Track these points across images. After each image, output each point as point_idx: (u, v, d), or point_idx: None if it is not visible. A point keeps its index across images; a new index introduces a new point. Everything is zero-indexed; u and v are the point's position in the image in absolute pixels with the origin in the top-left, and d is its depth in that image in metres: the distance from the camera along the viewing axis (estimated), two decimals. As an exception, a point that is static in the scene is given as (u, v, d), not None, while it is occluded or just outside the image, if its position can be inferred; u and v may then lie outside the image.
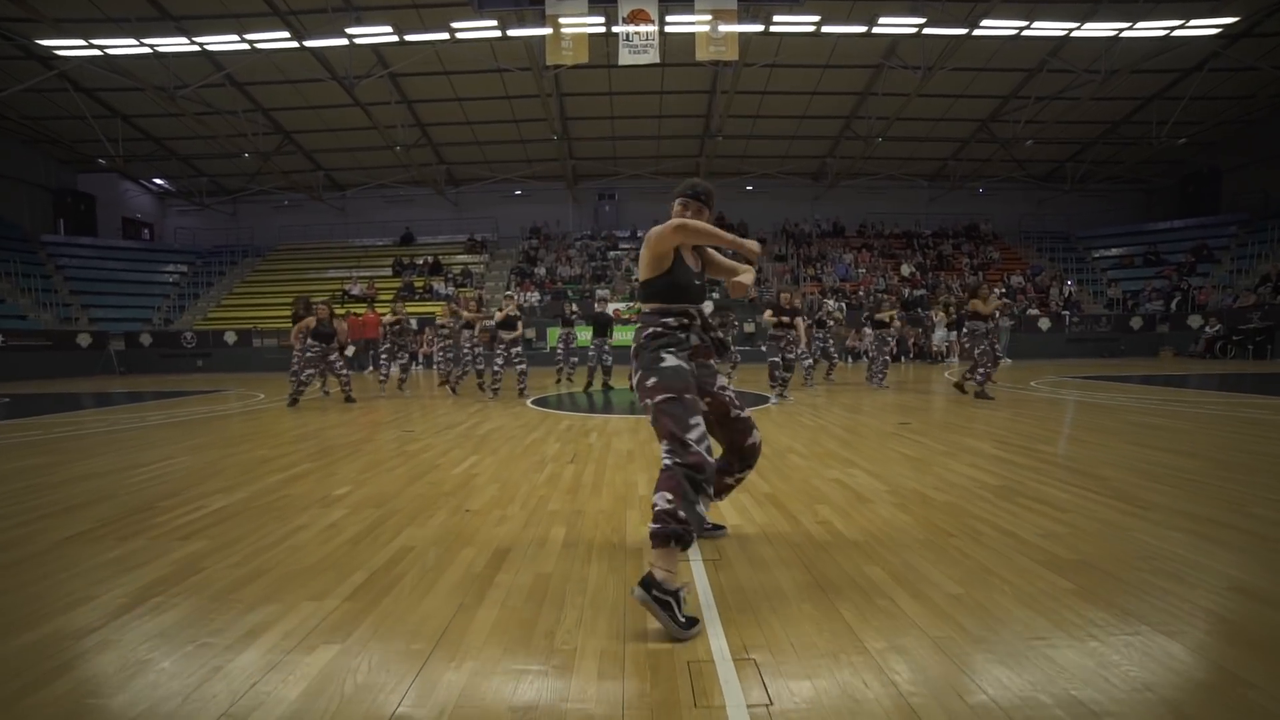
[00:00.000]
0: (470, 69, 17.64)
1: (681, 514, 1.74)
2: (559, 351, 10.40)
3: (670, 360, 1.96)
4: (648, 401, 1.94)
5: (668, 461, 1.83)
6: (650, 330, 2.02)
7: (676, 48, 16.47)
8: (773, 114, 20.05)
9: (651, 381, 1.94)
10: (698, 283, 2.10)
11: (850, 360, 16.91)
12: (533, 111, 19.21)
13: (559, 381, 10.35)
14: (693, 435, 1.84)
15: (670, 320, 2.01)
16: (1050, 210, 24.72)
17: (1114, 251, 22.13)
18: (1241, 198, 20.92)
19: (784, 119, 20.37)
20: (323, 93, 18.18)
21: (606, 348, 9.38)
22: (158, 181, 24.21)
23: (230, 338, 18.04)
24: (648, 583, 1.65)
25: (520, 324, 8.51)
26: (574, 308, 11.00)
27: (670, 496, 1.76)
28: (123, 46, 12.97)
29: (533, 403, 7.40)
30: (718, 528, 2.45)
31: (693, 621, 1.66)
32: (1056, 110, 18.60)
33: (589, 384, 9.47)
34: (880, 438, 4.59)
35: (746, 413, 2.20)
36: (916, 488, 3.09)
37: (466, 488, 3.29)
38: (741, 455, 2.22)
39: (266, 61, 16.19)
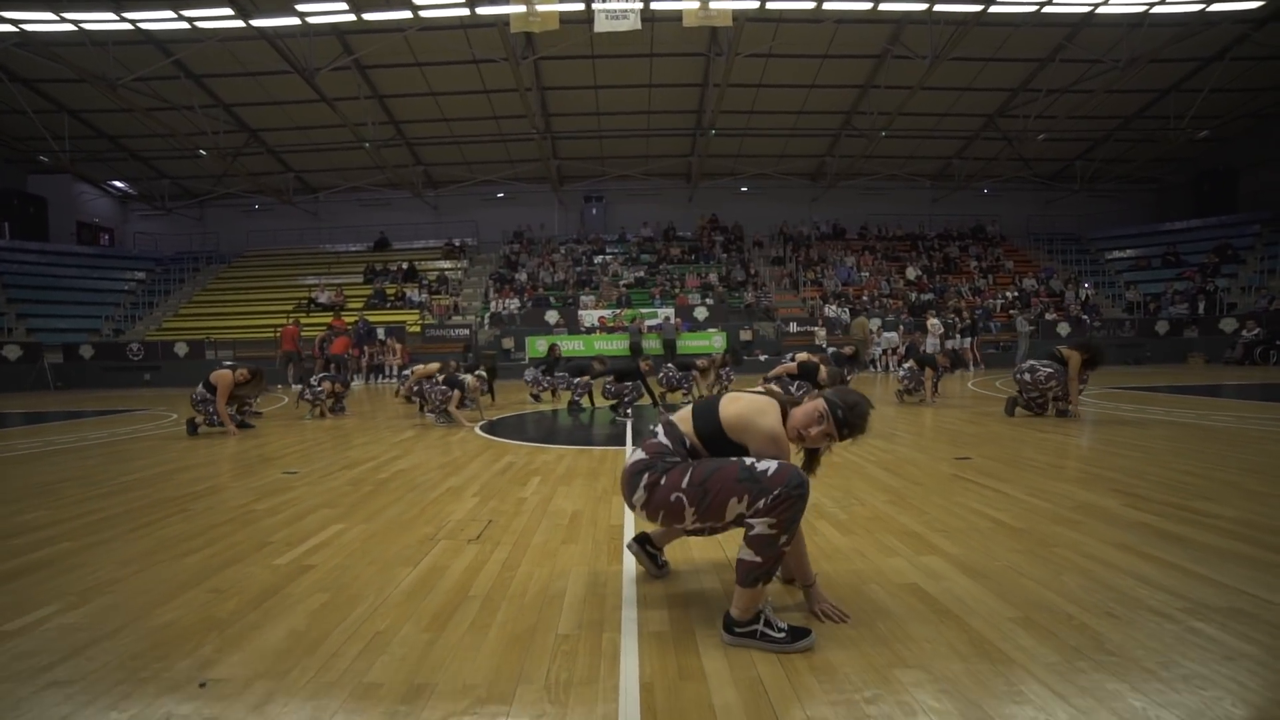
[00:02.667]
0: (444, 59, 16.39)
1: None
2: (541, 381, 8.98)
3: None
4: None
5: None
6: None
7: (664, 35, 15.30)
8: (768, 109, 18.86)
9: None
10: None
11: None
12: (513, 107, 17.92)
13: (537, 397, 8.92)
14: None
15: None
16: (1058, 211, 23.61)
17: (1129, 253, 20.96)
18: (1262, 195, 19.83)
19: (780, 114, 19.17)
20: (287, 86, 16.84)
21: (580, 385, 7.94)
22: (117, 184, 22.76)
23: (181, 349, 16.52)
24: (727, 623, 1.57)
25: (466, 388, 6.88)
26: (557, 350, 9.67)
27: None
28: (42, 23, 11.60)
29: (481, 429, 5.98)
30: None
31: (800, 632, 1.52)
32: (1068, 104, 17.48)
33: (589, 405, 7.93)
34: (942, 485, 3.20)
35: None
36: (1066, 608, 1.69)
37: (274, 599, 1.88)
38: None
39: (221, 50, 14.89)
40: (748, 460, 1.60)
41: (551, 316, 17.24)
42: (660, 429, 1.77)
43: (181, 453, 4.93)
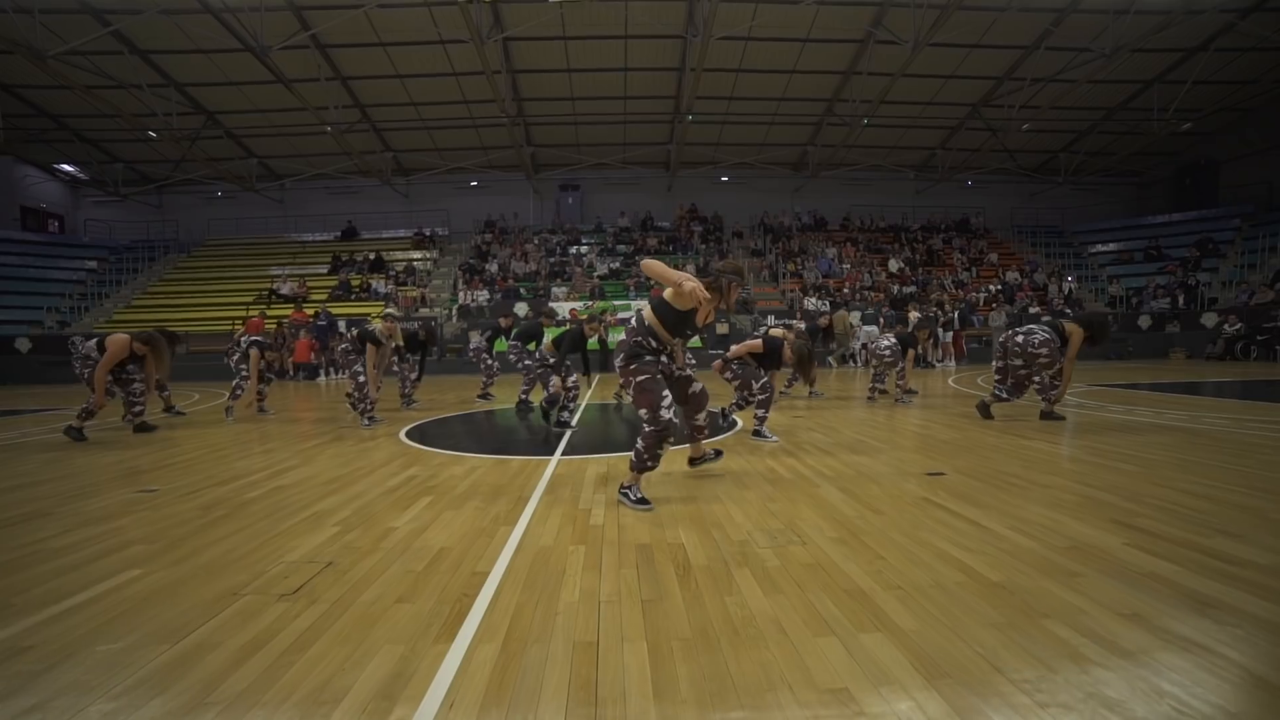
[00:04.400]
0: (408, 39, 15.60)
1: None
2: (494, 366, 8.37)
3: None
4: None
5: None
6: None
7: (638, 15, 14.66)
8: (748, 95, 18.27)
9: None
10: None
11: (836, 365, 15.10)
12: (483, 91, 17.14)
13: (486, 395, 8.28)
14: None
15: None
16: (1041, 204, 23.35)
17: (1111, 246, 20.74)
18: (1243, 189, 19.70)
19: (761, 101, 18.58)
20: (242, 66, 15.93)
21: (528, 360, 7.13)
22: (65, 168, 21.58)
23: (127, 343, 15.59)
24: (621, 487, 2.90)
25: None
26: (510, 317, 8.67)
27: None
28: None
29: (407, 435, 5.35)
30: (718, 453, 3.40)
31: (645, 501, 2.78)
32: (1052, 94, 17.11)
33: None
34: (907, 512, 2.65)
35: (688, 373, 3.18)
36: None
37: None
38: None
39: (167, 24, 13.96)
40: (665, 403, 2.77)
41: (521, 308, 16.57)
42: (634, 318, 2.94)
43: (41, 465, 4.25)
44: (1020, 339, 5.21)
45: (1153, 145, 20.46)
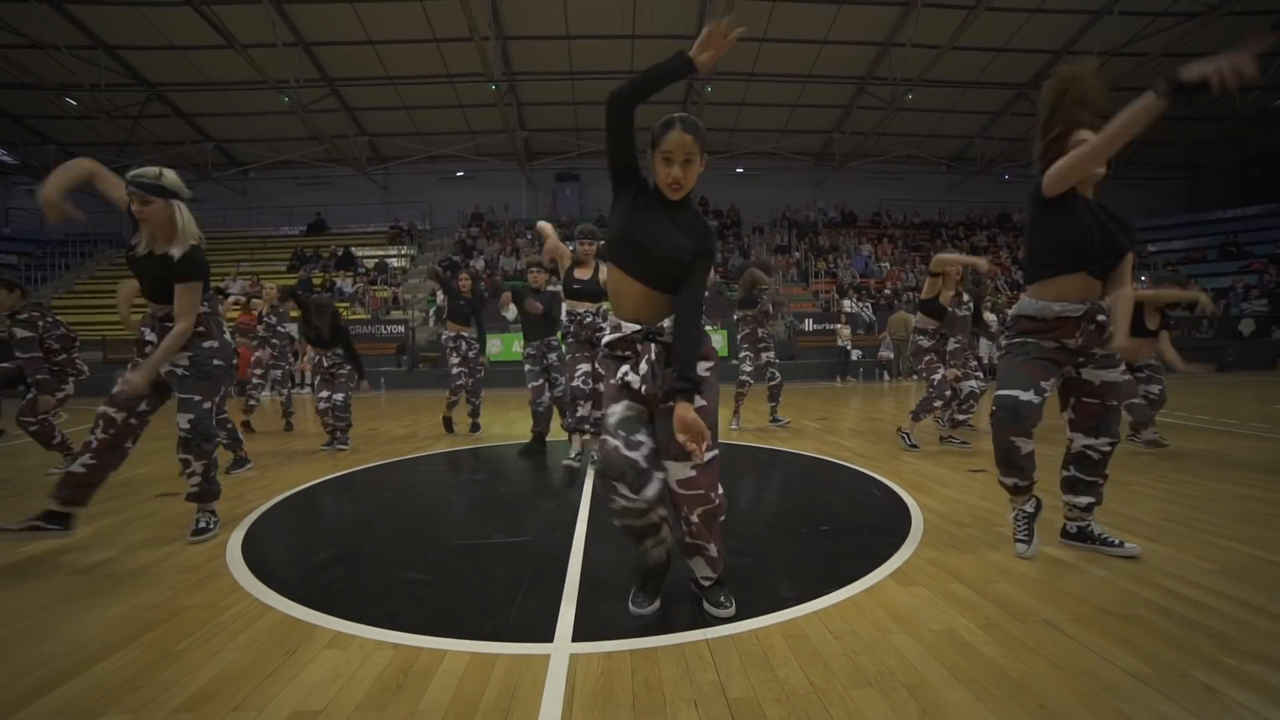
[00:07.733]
0: (378, -7, 13.23)
1: None
2: (455, 368, 5.84)
3: None
4: None
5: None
6: None
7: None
8: (772, 71, 16.05)
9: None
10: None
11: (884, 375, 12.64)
12: (470, 63, 14.75)
13: (473, 425, 5.71)
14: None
15: None
16: (1086, 201, 21.31)
17: (1176, 244, 18.62)
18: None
19: (785, 79, 16.37)
20: (183, 24, 13.47)
21: (553, 356, 4.54)
22: (-12, 150, 18.92)
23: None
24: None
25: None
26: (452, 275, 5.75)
27: None
28: None
29: (250, 531, 2.80)
30: None
31: None
32: (1115, 71, 14.99)
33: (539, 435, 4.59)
34: None
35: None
36: None
37: None
38: None
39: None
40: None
41: (510, 312, 14.06)
42: None
43: None
44: None
45: (1218, 133, 18.44)
